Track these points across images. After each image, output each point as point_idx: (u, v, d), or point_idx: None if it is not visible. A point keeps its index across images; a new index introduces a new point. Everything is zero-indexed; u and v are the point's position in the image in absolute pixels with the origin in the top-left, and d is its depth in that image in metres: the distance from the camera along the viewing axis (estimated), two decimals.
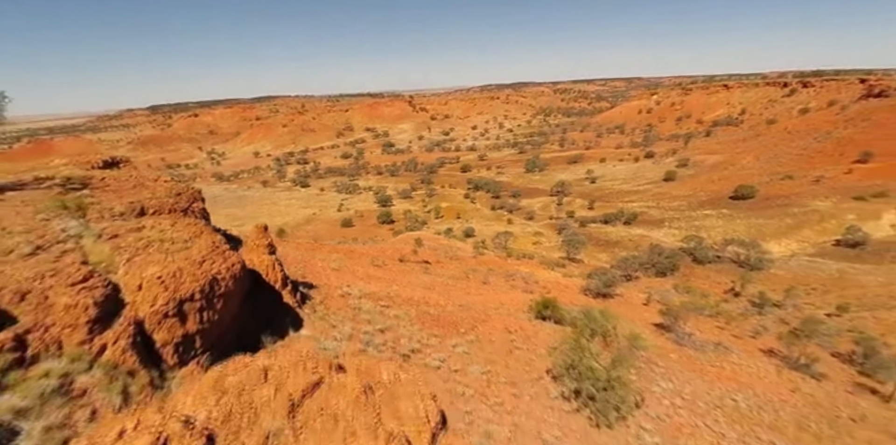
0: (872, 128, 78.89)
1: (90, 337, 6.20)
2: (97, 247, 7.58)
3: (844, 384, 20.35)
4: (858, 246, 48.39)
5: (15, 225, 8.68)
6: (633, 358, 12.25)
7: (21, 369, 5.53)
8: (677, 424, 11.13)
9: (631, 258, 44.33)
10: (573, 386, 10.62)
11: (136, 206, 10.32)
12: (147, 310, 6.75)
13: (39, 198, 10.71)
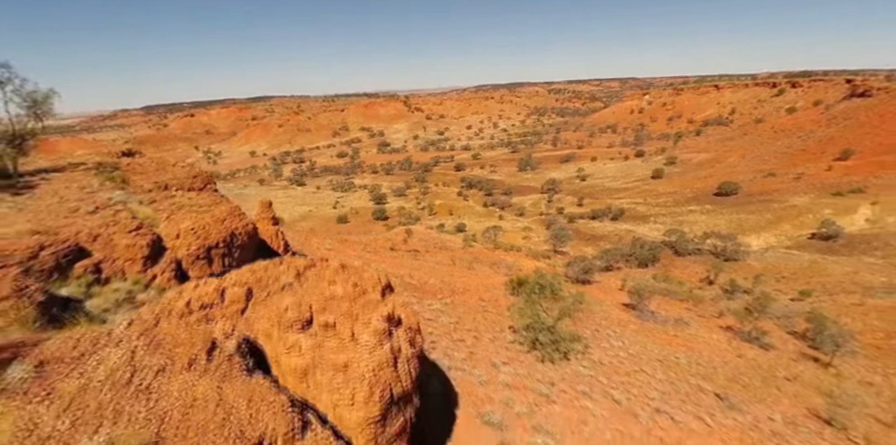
0: (854, 127, 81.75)
1: (144, 268, 8.42)
2: (141, 209, 9.79)
3: (791, 353, 22.73)
4: (832, 239, 50.92)
5: (70, 194, 10.92)
6: (576, 309, 14.48)
7: (100, 286, 7.74)
8: (616, 367, 13.34)
9: (613, 250, 46.73)
10: (529, 336, 12.83)
11: (161, 184, 12.52)
12: (184, 253, 8.97)
13: (80, 177, 12.93)
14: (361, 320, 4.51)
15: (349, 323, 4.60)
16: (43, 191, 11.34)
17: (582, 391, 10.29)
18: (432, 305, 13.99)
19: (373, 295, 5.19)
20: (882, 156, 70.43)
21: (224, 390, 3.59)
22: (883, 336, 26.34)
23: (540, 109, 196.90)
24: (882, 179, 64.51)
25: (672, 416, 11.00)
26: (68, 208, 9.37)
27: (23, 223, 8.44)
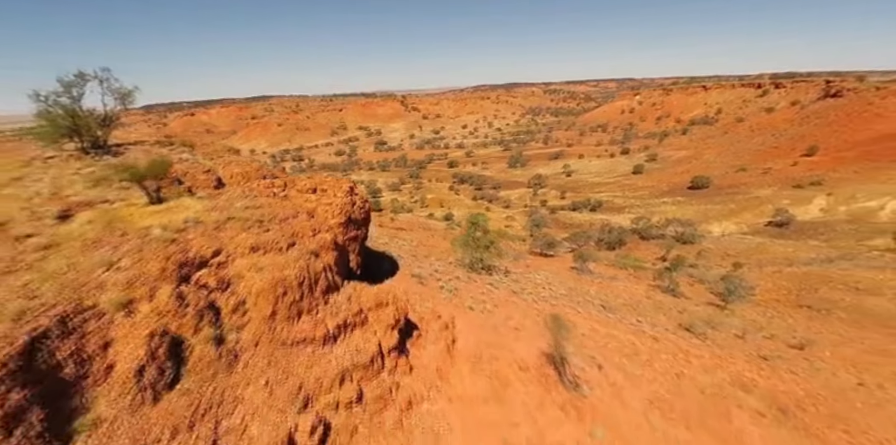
0: (823, 126, 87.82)
1: (211, 192, 14.30)
2: (206, 162, 15.70)
3: (696, 301, 28.47)
4: (784, 226, 56.89)
5: (152, 156, 16.81)
6: (499, 241, 20.35)
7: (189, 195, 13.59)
8: (527, 282, 19.09)
9: (582, 233, 52.66)
10: (463, 255, 18.66)
11: (211, 151, 18.43)
12: (235, 184, 14.84)
13: (151, 147, 18.84)
14: (339, 188, 10.28)
15: (332, 191, 10.43)
16: (132, 154, 17.28)
17: (489, 283, 16.18)
18: (402, 239, 19.91)
19: (344, 184, 11.06)
20: (843, 152, 76.48)
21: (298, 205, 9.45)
22: (785, 293, 32.22)
23: (535, 109, 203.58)
24: (839, 173, 70.57)
25: (553, 304, 16.84)
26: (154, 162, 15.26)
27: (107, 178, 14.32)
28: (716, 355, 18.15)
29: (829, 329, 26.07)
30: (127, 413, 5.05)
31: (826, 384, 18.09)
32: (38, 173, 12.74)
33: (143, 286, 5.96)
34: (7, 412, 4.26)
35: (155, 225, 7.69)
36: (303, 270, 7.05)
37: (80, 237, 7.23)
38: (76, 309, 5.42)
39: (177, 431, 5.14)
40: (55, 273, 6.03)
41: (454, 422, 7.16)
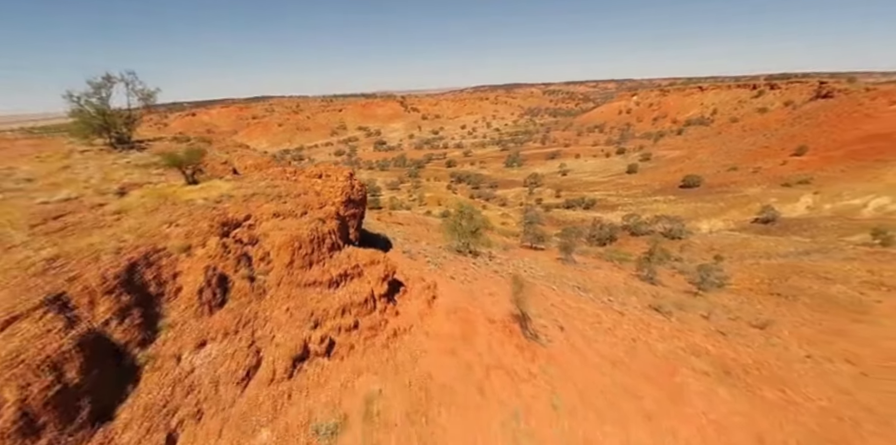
0: (813, 126, 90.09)
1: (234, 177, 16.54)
2: (223, 154, 17.95)
3: (673, 288, 30.65)
4: (769, 223, 59.18)
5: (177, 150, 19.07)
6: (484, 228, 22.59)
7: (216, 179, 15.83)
8: (509, 266, 21.27)
9: (573, 229, 54.88)
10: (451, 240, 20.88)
11: (226, 146, 20.71)
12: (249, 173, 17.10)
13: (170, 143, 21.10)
14: (340, 173, 12.48)
15: (335, 176, 12.65)
16: (156, 148, 19.53)
17: (473, 263, 18.42)
18: (398, 229, 22.15)
19: (345, 170, 13.29)
20: (832, 152, 78.73)
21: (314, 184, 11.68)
22: (758, 281, 34.43)
23: (533, 110, 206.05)
24: (827, 172, 72.83)
25: (530, 283, 19.05)
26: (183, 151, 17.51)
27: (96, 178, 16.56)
28: (675, 328, 20.41)
29: (792, 312, 28.22)
30: (192, 319, 7.27)
31: (776, 355, 20.35)
32: (80, 163, 14.98)
33: (197, 237, 8.18)
34: (121, 306, 6.48)
35: (197, 198, 9.90)
36: (313, 231, 9.27)
37: (141, 206, 9.42)
38: (153, 250, 7.65)
39: (226, 334, 7.36)
40: (131, 228, 8.24)
41: (429, 349, 9.37)
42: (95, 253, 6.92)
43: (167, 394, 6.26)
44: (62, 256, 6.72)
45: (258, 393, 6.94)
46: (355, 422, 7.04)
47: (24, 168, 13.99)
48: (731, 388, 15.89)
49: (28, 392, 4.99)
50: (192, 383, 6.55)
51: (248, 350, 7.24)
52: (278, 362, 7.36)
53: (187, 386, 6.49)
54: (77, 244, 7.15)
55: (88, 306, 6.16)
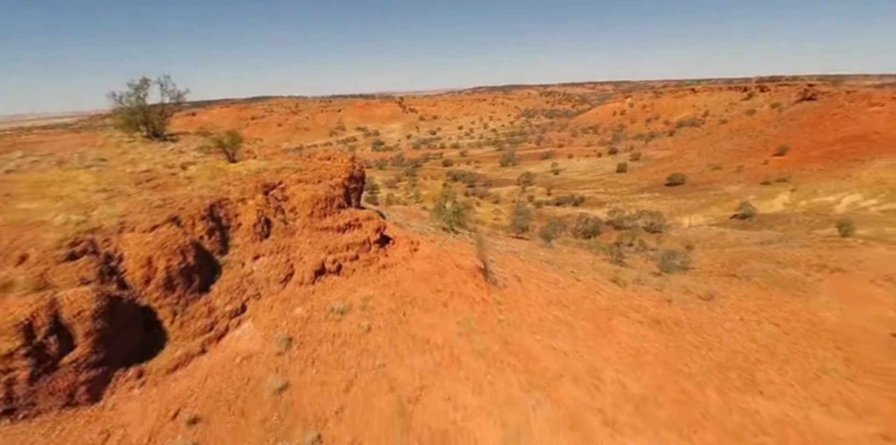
0: (795, 127, 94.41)
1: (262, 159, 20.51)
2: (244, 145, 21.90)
3: (639, 269, 34.60)
4: (747, 218, 63.22)
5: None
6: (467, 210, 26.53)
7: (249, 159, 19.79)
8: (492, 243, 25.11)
9: (559, 222, 58.91)
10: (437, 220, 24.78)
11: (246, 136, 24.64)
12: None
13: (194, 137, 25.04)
14: (344, 156, 16.37)
15: (339, 158, 16.55)
16: (185, 141, 23.46)
17: (455, 238, 22.36)
18: (393, 213, 26.11)
19: (348, 154, 17.22)
20: (811, 152, 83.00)
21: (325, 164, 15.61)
22: (719, 266, 38.40)
23: (530, 111, 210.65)
24: (805, 171, 77.05)
25: (501, 253, 22.97)
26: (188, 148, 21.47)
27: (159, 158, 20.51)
28: (625, 293, 24.37)
29: (742, 289, 32.22)
30: (249, 243, 11.20)
31: (709, 316, 24.32)
32: (134, 149, 18.91)
33: (248, 192, 12.12)
34: (209, 228, 10.41)
35: (241, 170, 13.82)
36: (326, 193, 13.21)
37: (203, 174, 13.31)
38: (222, 199, 11.58)
39: (271, 253, 11.29)
40: (203, 186, 12.15)
41: (408, 277, 13.30)
42: (189, 197, 10.84)
43: (238, 282, 10.17)
44: (168, 199, 10.64)
45: (294, 289, 10.85)
46: (356, 309, 10.93)
47: (91, 152, 17.87)
48: (657, 333, 19.81)
49: (170, 264, 8.89)
50: (253, 278, 10.46)
51: (285, 264, 11.16)
52: (305, 272, 11.26)
53: (249, 280, 10.40)
54: (174, 193, 11.07)
55: (191, 226, 10.07)
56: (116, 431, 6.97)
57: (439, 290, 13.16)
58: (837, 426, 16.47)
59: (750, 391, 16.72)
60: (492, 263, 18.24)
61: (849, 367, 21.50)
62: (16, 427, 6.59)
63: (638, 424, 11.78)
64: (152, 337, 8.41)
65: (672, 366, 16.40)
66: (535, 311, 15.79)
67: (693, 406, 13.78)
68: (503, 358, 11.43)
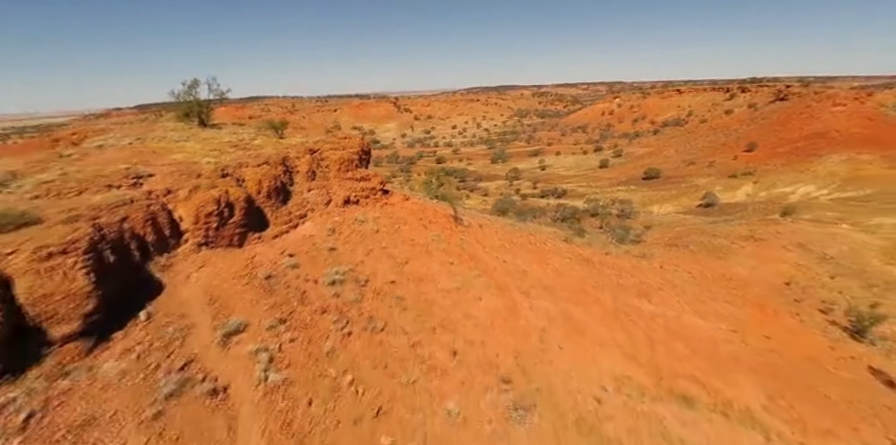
0: (766, 126, 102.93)
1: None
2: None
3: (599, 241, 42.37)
4: (710, 206, 71.29)
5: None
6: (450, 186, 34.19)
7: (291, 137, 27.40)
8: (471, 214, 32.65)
9: (539, 209, 66.73)
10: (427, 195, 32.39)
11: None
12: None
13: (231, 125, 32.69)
14: (357, 136, 23.87)
15: (355, 138, 24.15)
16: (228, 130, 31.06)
17: (437, 203, 30.02)
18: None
19: (359, 136, 24.86)
20: (777, 148, 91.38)
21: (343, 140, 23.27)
22: (666, 239, 46.31)
23: (523, 111, 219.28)
24: (769, 165, 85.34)
25: (473, 216, 30.60)
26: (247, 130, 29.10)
27: (230, 135, 28.14)
28: (569, 247, 32.06)
29: (675, 253, 40.19)
30: (304, 182, 18.85)
31: (633, 263, 32.11)
32: (201, 132, 26.39)
33: (300, 153, 19.76)
34: (283, 171, 18.05)
35: (292, 141, 21.41)
36: (349, 156, 20.87)
37: (267, 144, 20.89)
38: (286, 157, 19.22)
39: (318, 188, 18.96)
40: (271, 150, 19.71)
41: (400, 211, 20.98)
42: (269, 153, 18.47)
43: (301, 201, 17.77)
44: (256, 154, 18.24)
45: (332, 209, 18.48)
46: (369, 220, 18.56)
47: (169, 134, 25.36)
48: (583, 266, 27.56)
49: (269, 184, 16.49)
50: (308, 200, 18.07)
51: (326, 194, 18.78)
52: (338, 200, 18.89)
53: (307, 201, 18.01)
54: (257, 152, 18.67)
55: (275, 167, 17.69)
56: (255, 258, 14.58)
57: (421, 219, 20.85)
58: (701, 323, 24.38)
59: (640, 299, 24.53)
60: (463, 216, 25.86)
61: (733, 299, 29.49)
62: (211, 250, 14.19)
63: (544, 296, 19.46)
64: (262, 223, 16.01)
65: (584, 281, 24.16)
66: (489, 240, 23.46)
67: (588, 297, 21.51)
68: (459, 255, 19.09)
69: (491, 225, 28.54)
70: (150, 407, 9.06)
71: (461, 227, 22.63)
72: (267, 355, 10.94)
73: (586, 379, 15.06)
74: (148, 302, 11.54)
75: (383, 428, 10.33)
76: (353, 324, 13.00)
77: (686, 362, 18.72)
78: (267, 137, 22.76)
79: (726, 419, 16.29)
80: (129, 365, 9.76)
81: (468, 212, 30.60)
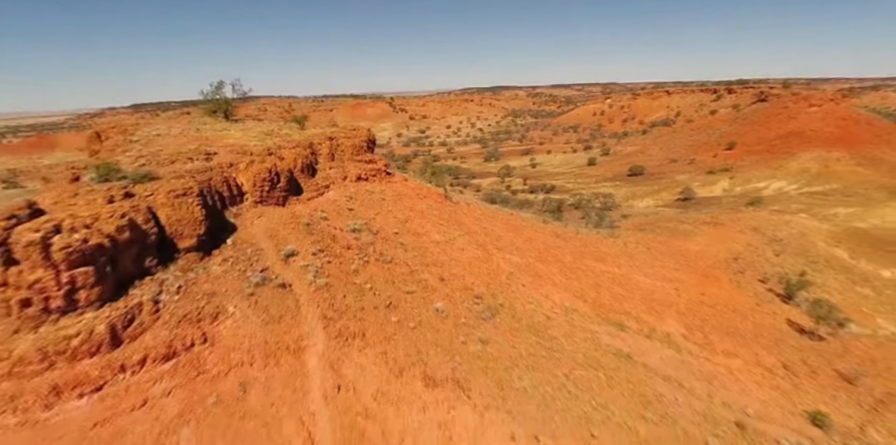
0: (746, 125, 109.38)
1: None
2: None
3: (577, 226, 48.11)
4: (688, 200, 77.22)
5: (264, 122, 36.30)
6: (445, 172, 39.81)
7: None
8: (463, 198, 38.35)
9: (526, 202, 72.54)
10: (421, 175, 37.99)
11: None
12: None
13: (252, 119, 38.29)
14: (364, 128, 29.52)
15: (362, 129, 29.77)
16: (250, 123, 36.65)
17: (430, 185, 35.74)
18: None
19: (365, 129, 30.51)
20: (754, 146, 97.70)
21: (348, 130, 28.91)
22: (638, 225, 52.12)
23: (517, 111, 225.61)
24: (745, 162, 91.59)
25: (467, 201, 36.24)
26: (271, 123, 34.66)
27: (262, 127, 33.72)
28: (545, 225, 37.75)
29: (640, 235, 45.88)
30: (326, 161, 24.48)
31: (598, 239, 37.82)
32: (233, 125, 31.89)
33: (322, 140, 25.40)
34: (310, 152, 23.67)
35: (314, 131, 27.00)
36: (359, 143, 26.53)
37: (293, 134, 26.44)
38: (311, 142, 24.83)
39: (336, 168, 24.60)
40: (298, 137, 25.27)
41: (403, 187, 26.65)
42: (298, 140, 24.06)
43: (325, 176, 23.39)
44: (289, 140, 23.82)
45: (348, 182, 24.13)
46: (377, 192, 24.23)
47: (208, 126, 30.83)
48: (553, 238, 33.27)
49: (302, 161, 22.10)
50: (330, 176, 23.71)
51: (343, 172, 24.39)
52: (352, 177, 24.51)
53: (329, 176, 23.63)
54: (287, 139, 24.25)
55: (304, 149, 23.28)
56: (296, 212, 20.18)
57: (418, 194, 26.51)
58: (645, 280, 30.15)
59: (596, 262, 30.31)
60: (452, 196, 31.51)
61: (681, 268, 35.26)
62: (264, 206, 19.80)
63: (515, 253, 25.13)
64: (298, 189, 21.61)
65: (550, 247, 29.91)
66: (473, 213, 29.11)
67: (551, 257, 27.22)
68: (448, 219, 24.76)
69: (476, 204, 34.22)
70: (247, 289, 14.65)
71: (450, 203, 28.25)
72: (314, 268, 16.53)
73: (540, 305, 20.74)
74: (230, 235, 17.10)
75: (393, 312, 15.97)
76: (370, 256, 18.62)
77: (624, 302, 24.43)
78: (291, 129, 28.35)
79: (648, 339, 21.98)
80: (228, 268, 15.35)
81: (457, 195, 36.21)
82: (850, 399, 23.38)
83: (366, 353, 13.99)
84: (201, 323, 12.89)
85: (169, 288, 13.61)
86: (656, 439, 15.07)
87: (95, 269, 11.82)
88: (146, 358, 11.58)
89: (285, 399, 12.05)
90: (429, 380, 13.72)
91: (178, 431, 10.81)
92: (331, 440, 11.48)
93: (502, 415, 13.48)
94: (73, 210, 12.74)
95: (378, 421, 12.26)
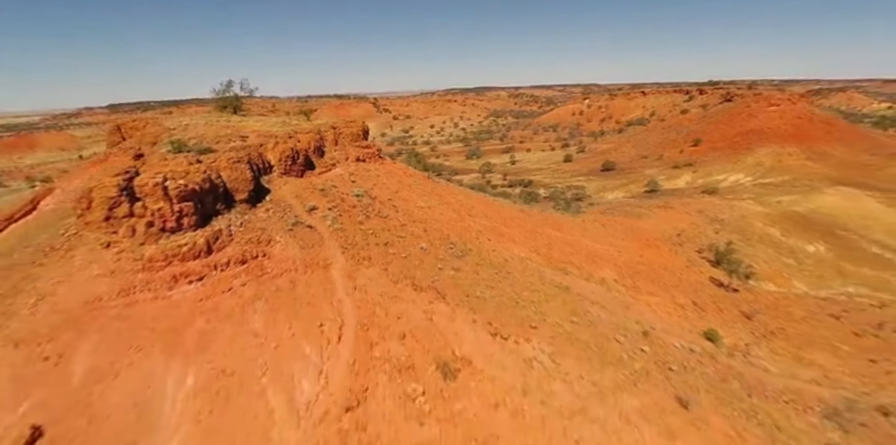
0: (712, 124, 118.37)
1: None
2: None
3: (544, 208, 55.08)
4: (653, 192, 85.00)
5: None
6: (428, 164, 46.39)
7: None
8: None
9: (503, 194, 79.54)
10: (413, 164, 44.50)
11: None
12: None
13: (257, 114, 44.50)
14: (360, 122, 35.81)
15: (358, 122, 36.18)
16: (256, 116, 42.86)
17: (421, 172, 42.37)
18: None
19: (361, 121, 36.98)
20: (718, 143, 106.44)
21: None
22: (602, 211, 59.41)
23: (498, 111, 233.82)
24: (708, 157, 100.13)
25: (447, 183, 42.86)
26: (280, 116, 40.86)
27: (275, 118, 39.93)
28: (515, 206, 44.60)
29: (602, 217, 52.96)
30: (331, 146, 30.94)
31: (558, 216, 44.78)
32: (248, 118, 38.16)
33: (327, 129, 31.86)
34: (319, 137, 30.12)
35: (319, 122, 33.32)
36: (357, 131, 33.04)
37: (302, 123, 32.72)
38: (320, 130, 31.24)
39: (339, 150, 31.07)
40: (307, 126, 31.61)
41: (393, 168, 33.22)
42: (309, 127, 30.46)
43: (331, 157, 29.86)
44: (301, 128, 30.17)
45: (350, 163, 30.60)
46: (373, 170, 30.79)
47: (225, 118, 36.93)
48: (518, 212, 40.00)
49: (314, 144, 28.51)
50: (335, 157, 30.13)
51: (345, 154, 30.85)
52: (352, 158, 30.98)
53: (334, 157, 30.07)
54: (299, 127, 30.61)
55: (315, 134, 29.68)
56: (313, 182, 26.65)
57: (405, 173, 33.11)
58: (593, 244, 37.07)
59: (552, 230, 37.17)
60: (434, 178, 38.15)
61: (628, 238, 42.35)
62: (288, 177, 26.29)
63: (484, 219, 31.82)
64: (312, 166, 28.02)
65: (515, 217, 36.74)
66: (451, 191, 35.79)
67: (515, 223, 33.99)
68: (430, 192, 31.36)
69: (456, 186, 40.89)
70: (286, 227, 21.07)
71: (432, 181, 34.81)
72: (330, 217, 22.99)
73: (500, 253, 27.46)
74: (266, 194, 23.44)
75: (389, 249, 22.55)
76: (370, 213, 25.14)
77: (571, 256, 31.31)
78: (300, 120, 34.68)
79: (585, 281, 28.86)
80: (271, 214, 21.75)
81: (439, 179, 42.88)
82: (745, 328, 30.57)
83: (372, 270, 20.53)
84: (260, 245, 19.27)
85: (235, 223, 19.95)
86: (578, 333, 21.85)
87: (193, 204, 18.17)
88: (229, 261, 17.93)
89: (321, 292, 18.52)
90: (416, 287, 20.32)
91: (254, 304, 17.19)
92: (353, 315, 17.96)
93: (466, 310, 20.13)
94: (170, 167, 19.02)
95: (383, 307, 18.78)
